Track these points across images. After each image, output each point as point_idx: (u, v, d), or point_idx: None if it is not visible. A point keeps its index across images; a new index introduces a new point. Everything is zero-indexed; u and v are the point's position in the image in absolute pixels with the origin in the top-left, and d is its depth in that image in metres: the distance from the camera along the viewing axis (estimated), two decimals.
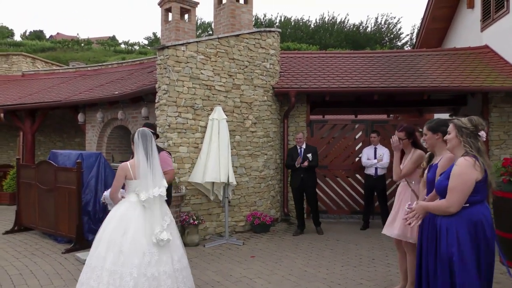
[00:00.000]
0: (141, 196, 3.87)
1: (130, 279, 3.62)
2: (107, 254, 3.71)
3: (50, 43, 42.89)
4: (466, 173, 2.82)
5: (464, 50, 9.86)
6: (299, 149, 7.51)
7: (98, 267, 3.70)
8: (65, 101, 9.98)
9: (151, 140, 4.00)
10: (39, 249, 6.35)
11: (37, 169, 7.15)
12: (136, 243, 3.73)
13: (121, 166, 4.05)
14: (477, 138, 2.95)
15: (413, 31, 39.81)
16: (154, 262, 3.75)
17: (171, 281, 3.79)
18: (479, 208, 2.90)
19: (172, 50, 6.77)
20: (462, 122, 3.03)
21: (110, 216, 3.95)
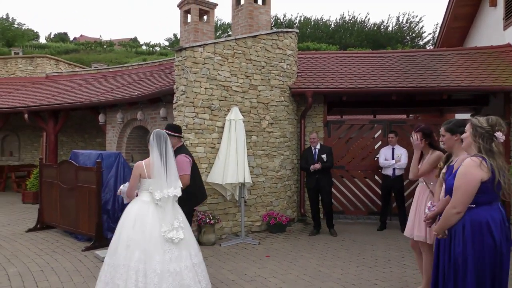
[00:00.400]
0: (156, 195, 3.97)
1: (154, 276, 3.76)
2: (128, 252, 3.83)
3: (74, 45, 43.84)
4: (470, 172, 2.78)
5: (486, 49, 9.68)
6: (313, 150, 7.49)
7: (120, 265, 3.82)
8: (86, 102, 10.20)
9: (165, 141, 4.11)
10: (60, 246, 6.52)
11: (58, 169, 7.33)
12: (156, 241, 3.86)
13: (137, 165, 4.17)
14: (492, 138, 2.88)
15: (435, 30, 39.20)
16: (174, 258, 3.89)
17: (193, 275, 3.95)
18: (486, 209, 2.83)
19: (190, 51, 6.86)
20: (479, 121, 2.97)
21: (125, 216, 4.06)
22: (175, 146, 4.96)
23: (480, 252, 2.80)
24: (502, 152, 2.91)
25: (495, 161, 2.82)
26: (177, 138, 5.04)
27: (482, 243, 2.80)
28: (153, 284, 3.75)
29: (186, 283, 3.89)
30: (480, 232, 2.81)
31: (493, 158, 2.83)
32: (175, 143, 4.98)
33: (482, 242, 2.80)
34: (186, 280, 3.88)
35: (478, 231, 2.81)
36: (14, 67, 15.72)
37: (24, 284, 4.80)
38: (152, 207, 4.00)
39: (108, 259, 3.97)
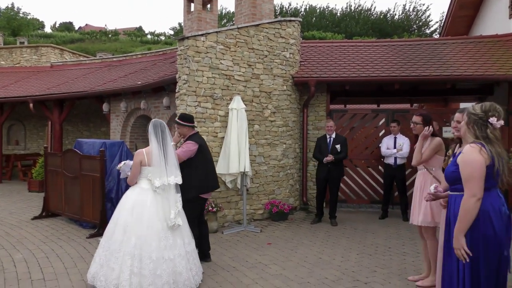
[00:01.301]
0: (156, 182, 4.07)
1: (150, 262, 3.87)
2: (125, 237, 3.94)
3: (79, 34, 43.90)
4: (474, 159, 2.75)
5: (491, 38, 9.60)
6: (328, 138, 7.42)
7: (116, 250, 3.93)
8: (90, 91, 10.26)
9: (163, 131, 4.21)
10: (65, 234, 6.62)
11: (63, 157, 7.42)
12: (152, 227, 3.97)
13: (137, 152, 4.29)
14: (486, 125, 2.84)
15: (442, 18, 38.77)
16: (169, 246, 4.01)
17: (185, 262, 4.08)
18: (485, 196, 2.79)
19: (192, 40, 6.87)
20: (473, 108, 2.94)
21: (123, 202, 4.17)
22: (187, 135, 5.07)
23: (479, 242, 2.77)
24: (500, 138, 2.87)
25: (493, 147, 2.79)
26: (188, 127, 5.08)
27: (482, 233, 2.76)
28: (148, 270, 3.85)
29: (178, 270, 4.01)
30: (481, 221, 2.77)
31: (490, 144, 2.80)
32: (187, 132, 5.07)
33: (483, 233, 2.76)
34: (178, 268, 4.01)
35: (479, 219, 2.76)
36: (19, 57, 15.81)
37: (30, 270, 4.90)
38: (150, 194, 4.11)
39: (104, 242, 4.08)
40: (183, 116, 5.20)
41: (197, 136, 5.19)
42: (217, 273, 4.86)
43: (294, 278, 4.72)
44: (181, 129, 5.08)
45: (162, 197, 4.13)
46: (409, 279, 4.65)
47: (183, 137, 5.15)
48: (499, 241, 2.78)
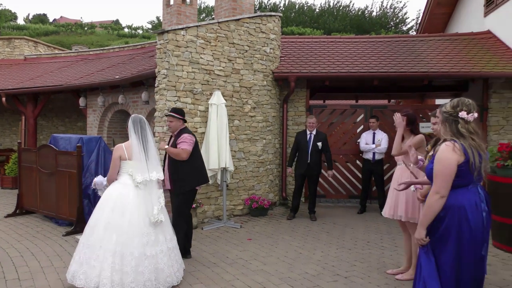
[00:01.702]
0: (137, 178, 4.01)
1: (132, 259, 3.81)
2: (106, 234, 3.87)
3: (54, 26, 42.85)
4: (446, 157, 2.79)
5: (467, 36, 9.79)
6: (309, 135, 7.40)
7: (97, 247, 3.85)
8: (66, 85, 10.03)
9: (144, 126, 4.15)
10: (40, 231, 6.47)
11: (38, 153, 7.23)
12: (134, 224, 3.92)
13: (116, 147, 4.21)
14: (457, 120, 2.87)
15: (418, 16, 39.34)
16: (151, 242, 3.96)
17: (167, 259, 4.04)
18: (462, 192, 2.83)
19: (172, 34, 6.78)
20: (444, 106, 2.98)
21: (105, 198, 4.09)
22: (178, 128, 5.09)
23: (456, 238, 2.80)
24: (475, 131, 2.86)
25: (466, 141, 2.81)
26: (181, 120, 5.12)
27: (456, 229, 2.79)
28: (130, 266, 3.80)
29: (160, 267, 3.97)
30: (455, 217, 2.80)
31: (463, 139, 2.82)
32: (179, 126, 5.10)
33: (457, 229, 2.79)
34: (160, 264, 3.98)
35: (454, 215, 2.80)
36: None
37: (3, 270, 4.76)
38: (132, 190, 4.05)
39: (84, 239, 3.99)
40: (175, 109, 5.20)
41: (188, 130, 5.22)
42: (198, 270, 4.82)
43: (275, 274, 4.73)
44: (175, 122, 5.07)
45: (144, 193, 4.07)
46: (388, 273, 4.72)
47: (172, 132, 5.12)
48: (475, 237, 2.79)
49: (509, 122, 8.14)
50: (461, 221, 2.79)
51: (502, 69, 7.89)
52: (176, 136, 5.08)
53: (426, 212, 2.88)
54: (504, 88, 8.22)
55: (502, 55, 8.49)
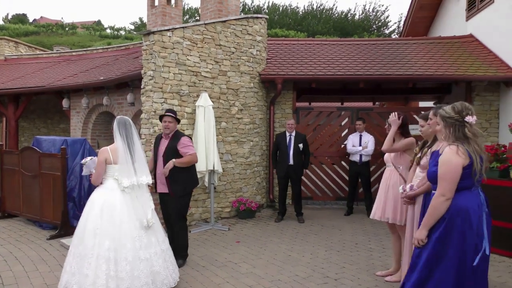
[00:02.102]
0: (124, 182, 3.89)
1: (126, 264, 3.71)
2: (97, 241, 3.73)
3: (34, 27, 42.07)
4: (451, 160, 2.82)
5: (449, 39, 9.95)
6: (288, 136, 7.43)
7: (88, 255, 3.71)
8: (49, 86, 9.85)
9: (130, 128, 4.02)
10: (23, 235, 6.33)
11: (20, 155, 7.07)
12: (125, 228, 3.81)
13: (101, 150, 4.06)
14: (463, 125, 2.90)
15: (400, 19, 39.94)
16: (144, 245, 3.87)
17: (162, 261, 3.97)
18: (465, 194, 2.87)
19: (158, 35, 6.72)
20: (446, 111, 2.99)
21: (90, 204, 3.94)
22: (174, 130, 5.08)
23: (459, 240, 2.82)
24: (478, 134, 2.92)
25: (470, 146, 2.85)
26: (177, 122, 5.13)
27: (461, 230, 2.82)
28: (125, 272, 3.70)
29: (156, 270, 3.89)
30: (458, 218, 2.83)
31: (468, 143, 2.86)
32: (175, 127, 5.11)
33: (461, 230, 2.82)
34: (156, 267, 3.89)
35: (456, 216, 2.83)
36: None
37: None
38: (118, 194, 3.92)
39: (73, 249, 3.85)
40: (172, 110, 5.19)
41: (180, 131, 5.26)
42: (187, 273, 4.78)
43: (265, 276, 4.71)
44: (173, 123, 5.05)
45: (131, 196, 3.96)
46: (378, 274, 4.74)
47: (169, 133, 5.05)
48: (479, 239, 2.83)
49: (492, 125, 8.29)
50: (464, 224, 2.82)
51: (484, 72, 8.03)
52: (171, 138, 5.02)
53: (431, 213, 2.90)
54: (487, 91, 8.37)
55: (484, 59, 8.65)
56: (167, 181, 4.93)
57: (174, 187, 4.94)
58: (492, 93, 8.37)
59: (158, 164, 5.04)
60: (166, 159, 4.94)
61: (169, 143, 5.02)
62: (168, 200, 5.03)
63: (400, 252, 4.62)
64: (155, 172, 5.06)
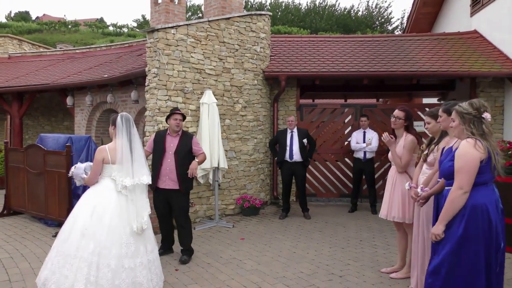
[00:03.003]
0: (126, 181, 3.73)
1: (108, 271, 3.52)
2: (82, 242, 3.57)
3: (37, 24, 42.17)
4: (468, 152, 2.81)
5: (454, 35, 9.91)
6: (290, 133, 7.45)
7: (71, 255, 3.55)
8: (53, 84, 9.87)
9: (133, 126, 3.90)
10: (29, 232, 6.36)
11: (25, 153, 7.10)
12: (114, 232, 3.62)
13: (100, 149, 3.90)
14: (481, 121, 2.91)
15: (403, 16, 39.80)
16: (131, 254, 3.66)
17: (146, 272, 3.74)
18: (482, 190, 2.87)
19: (162, 33, 6.72)
20: (463, 108, 2.98)
21: (82, 202, 3.79)
22: (181, 129, 5.22)
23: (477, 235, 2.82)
24: (492, 131, 2.96)
25: (488, 142, 2.85)
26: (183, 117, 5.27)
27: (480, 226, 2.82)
28: (106, 279, 3.50)
29: (138, 281, 3.66)
30: (478, 214, 2.82)
31: (486, 140, 2.86)
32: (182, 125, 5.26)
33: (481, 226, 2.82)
34: (139, 278, 3.67)
35: (476, 213, 2.82)
36: None
37: None
38: (114, 195, 3.75)
39: (58, 246, 3.68)
40: (179, 109, 5.31)
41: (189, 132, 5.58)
42: (192, 270, 4.79)
43: (270, 273, 4.72)
44: (182, 121, 5.21)
45: (126, 199, 3.75)
46: (383, 271, 4.74)
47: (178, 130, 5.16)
48: (497, 233, 2.85)
49: (497, 121, 8.26)
50: (484, 219, 2.82)
51: (489, 68, 8.01)
52: (182, 136, 5.16)
53: (448, 208, 2.89)
54: (491, 87, 8.34)
55: (489, 55, 8.61)
56: (179, 177, 4.99)
57: (184, 184, 5.04)
58: (497, 89, 8.34)
59: (166, 161, 5.04)
60: (179, 157, 5.03)
61: (181, 141, 5.09)
62: (174, 196, 5.05)
63: (405, 250, 4.62)
64: (160, 167, 5.04)
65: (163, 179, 5.04)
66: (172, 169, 5.00)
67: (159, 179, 5.05)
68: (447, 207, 2.91)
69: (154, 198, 5.16)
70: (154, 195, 5.17)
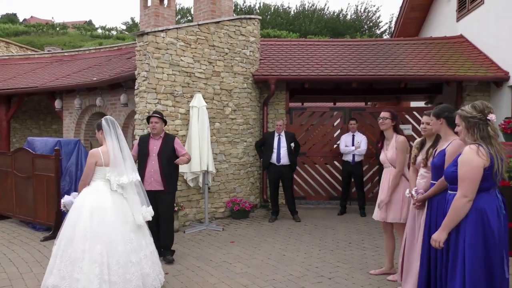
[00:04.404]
0: (122, 180, 3.91)
1: (118, 267, 3.71)
2: (87, 245, 3.68)
3: (24, 26, 41.66)
4: (472, 160, 2.79)
5: (440, 40, 10.05)
6: (277, 137, 7.49)
7: (79, 259, 3.66)
8: (41, 87, 9.79)
9: (118, 127, 4.09)
10: (17, 237, 6.31)
11: (13, 157, 7.04)
12: (117, 232, 3.80)
13: (92, 152, 4.03)
14: (486, 123, 2.87)
15: (391, 20, 40.09)
16: (134, 248, 3.88)
17: (151, 263, 4.01)
18: (484, 196, 2.85)
19: (152, 36, 6.72)
20: (467, 111, 2.94)
21: (79, 207, 3.85)
22: (162, 131, 5.35)
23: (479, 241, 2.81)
24: (498, 133, 2.93)
25: (493, 146, 2.83)
26: (163, 123, 5.38)
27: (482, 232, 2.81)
28: (118, 275, 3.70)
29: (146, 272, 3.93)
30: (479, 220, 2.82)
31: (490, 144, 2.83)
32: (162, 128, 5.36)
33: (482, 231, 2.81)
34: (146, 269, 3.93)
35: (478, 219, 2.82)
36: None
37: None
38: (109, 195, 3.91)
39: (60, 252, 3.75)
40: (158, 111, 5.46)
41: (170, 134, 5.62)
42: (182, 273, 4.80)
43: (260, 276, 4.74)
44: (159, 124, 5.28)
45: (120, 198, 3.95)
46: (371, 273, 4.79)
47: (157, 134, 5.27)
48: (500, 241, 2.83)
49: None
50: (484, 226, 2.81)
51: (475, 72, 8.14)
52: (164, 138, 5.27)
53: (453, 216, 2.86)
54: (477, 90, 8.48)
55: (475, 59, 8.76)
56: (163, 178, 5.12)
57: (170, 184, 5.20)
58: (483, 93, 8.48)
59: (150, 163, 5.18)
60: (162, 158, 5.16)
61: (163, 142, 5.24)
62: (159, 197, 5.16)
63: (393, 251, 4.68)
64: (144, 170, 5.16)
65: (149, 181, 5.15)
66: (156, 170, 5.15)
67: (145, 181, 5.12)
68: (451, 214, 2.88)
69: None
70: None
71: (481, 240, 2.81)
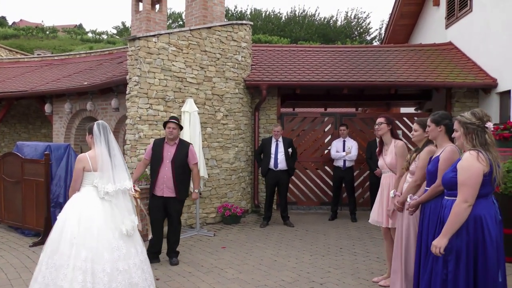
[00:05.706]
0: (108, 188, 3.77)
1: (104, 275, 3.56)
2: (73, 251, 3.58)
3: (13, 30, 41.36)
4: (472, 165, 2.80)
5: (430, 46, 10.18)
6: (275, 142, 7.48)
7: (64, 265, 3.55)
8: (31, 91, 9.73)
9: (110, 133, 3.98)
10: (5, 242, 6.23)
11: (2, 161, 6.97)
12: (104, 238, 3.67)
13: (79, 157, 3.93)
14: (484, 131, 2.91)
15: (381, 26, 40.48)
16: (123, 256, 3.72)
17: (140, 272, 3.81)
18: (482, 202, 2.87)
19: (144, 41, 6.72)
20: (466, 118, 2.97)
21: (67, 212, 3.79)
22: (178, 136, 5.37)
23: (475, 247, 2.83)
24: (494, 141, 2.96)
25: (491, 153, 2.86)
26: (179, 129, 5.41)
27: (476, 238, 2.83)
28: (103, 284, 3.54)
29: (134, 281, 3.70)
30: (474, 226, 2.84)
31: (488, 150, 2.86)
32: (178, 133, 5.40)
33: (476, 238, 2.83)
34: (134, 278, 3.71)
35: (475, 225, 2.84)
36: None
37: None
38: (98, 202, 3.79)
39: (46, 258, 3.65)
40: (177, 118, 5.50)
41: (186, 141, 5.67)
42: (173, 279, 4.78)
43: (251, 282, 4.74)
44: (177, 130, 5.33)
45: (110, 204, 3.81)
46: (374, 281, 4.71)
47: (173, 139, 5.31)
48: (497, 246, 2.85)
49: None
50: (480, 231, 2.84)
51: (464, 79, 8.25)
52: (179, 145, 5.31)
53: (454, 221, 2.86)
54: (466, 97, 8.59)
55: (464, 66, 8.88)
56: (176, 185, 5.20)
57: (181, 191, 5.27)
58: (471, 99, 8.59)
59: (163, 169, 5.22)
60: (176, 165, 5.22)
61: (177, 150, 5.28)
62: (170, 203, 5.27)
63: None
64: (157, 175, 5.21)
65: (161, 187, 5.21)
66: (169, 177, 5.20)
67: (157, 187, 5.21)
68: (451, 220, 2.87)
69: (150, 203, 5.44)
70: (151, 201, 5.42)
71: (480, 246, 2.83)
